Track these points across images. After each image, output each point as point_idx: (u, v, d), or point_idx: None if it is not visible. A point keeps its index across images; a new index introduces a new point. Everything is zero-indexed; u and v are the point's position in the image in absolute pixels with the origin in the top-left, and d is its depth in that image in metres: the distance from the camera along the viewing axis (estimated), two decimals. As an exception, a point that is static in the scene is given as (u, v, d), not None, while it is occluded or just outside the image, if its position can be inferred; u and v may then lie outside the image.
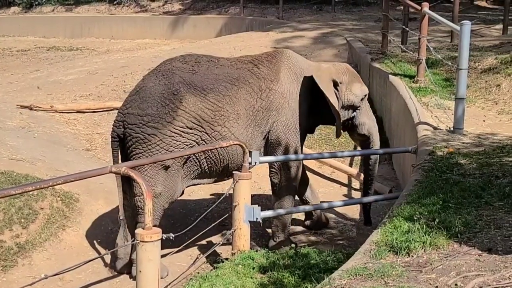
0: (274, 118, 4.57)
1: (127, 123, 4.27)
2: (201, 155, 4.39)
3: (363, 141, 5.19)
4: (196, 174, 4.51)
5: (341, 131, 4.96)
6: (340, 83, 4.84)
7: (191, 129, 4.30)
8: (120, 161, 4.42)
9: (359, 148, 5.76)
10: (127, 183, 4.30)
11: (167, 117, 4.24)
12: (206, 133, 4.34)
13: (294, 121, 4.66)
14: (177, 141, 4.27)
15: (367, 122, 5.05)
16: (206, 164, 4.46)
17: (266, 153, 4.70)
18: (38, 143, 6.50)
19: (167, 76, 4.35)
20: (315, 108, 4.82)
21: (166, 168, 4.29)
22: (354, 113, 4.97)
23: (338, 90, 4.83)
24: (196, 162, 4.43)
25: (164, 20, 16.10)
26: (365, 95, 4.99)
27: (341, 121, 4.86)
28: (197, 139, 4.33)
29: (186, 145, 4.30)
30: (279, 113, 4.58)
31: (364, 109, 5.02)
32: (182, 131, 4.28)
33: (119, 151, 4.38)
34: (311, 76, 4.72)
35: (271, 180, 4.82)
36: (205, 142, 4.35)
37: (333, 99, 4.70)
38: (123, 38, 15.83)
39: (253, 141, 4.56)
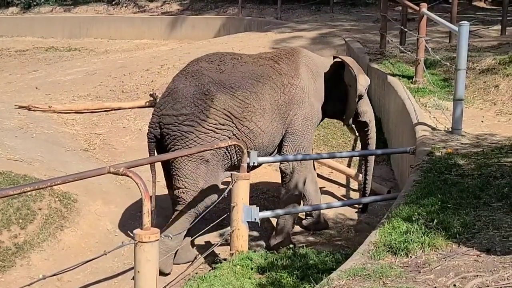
0: (295, 111, 4.79)
1: (163, 124, 4.49)
2: (232, 148, 4.57)
3: (361, 128, 5.46)
4: (227, 167, 4.67)
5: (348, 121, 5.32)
6: None
7: (223, 125, 4.50)
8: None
9: (357, 148, 5.81)
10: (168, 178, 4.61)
11: (201, 115, 4.44)
12: (236, 128, 4.54)
13: (312, 115, 4.90)
14: (211, 136, 4.46)
15: (368, 110, 5.37)
16: (235, 156, 4.61)
17: (281, 145, 4.86)
18: (36, 143, 6.49)
19: (196, 77, 4.55)
20: (325, 102, 5.09)
21: (206, 161, 4.46)
22: (359, 102, 5.26)
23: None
24: (228, 155, 4.60)
25: (163, 21, 16.10)
26: (368, 85, 5.34)
27: (350, 109, 5.15)
28: (229, 133, 4.52)
29: (221, 140, 4.49)
30: (300, 107, 4.80)
31: (366, 98, 5.37)
32: (216, 128, 4.48)
33: (155, 151, 4.57)
34: (328, 71, 5.07)
35: (281, 170, 4.93)
36: (237, 136, 4.55)
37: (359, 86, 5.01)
38: (121, 38, 15.82)
39: (277, 134, 4.77)
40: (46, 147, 6.45)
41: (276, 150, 4.90)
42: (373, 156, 5.55)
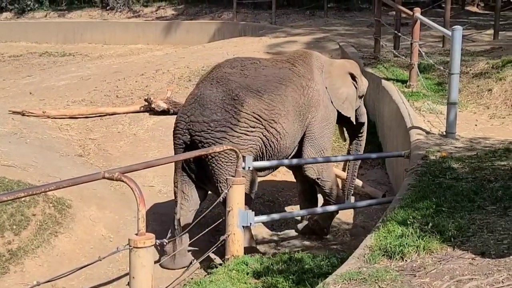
0: (313, 113, 4.94)
1: (194, 131, 4.54)
2: (260, 152, 4.71)
3: (357, 130, 5.61)
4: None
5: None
6: (357, 75, 5.39)
7: (254, 127, 4.62)
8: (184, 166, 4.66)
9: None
10: (199, 180, 4.68)
11: (232, 120, 4.55)
12: (266, 129, 4.67)
13: (328, 115, 5.07)
14: (244, 139, 4.58)
15: (365, 112, 5.61)
16: (266, 154, 4.76)
17: (300, 148, 5.00)
18: (30, 149, 6.47)
19: (222, 83, 4.64)
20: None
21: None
22: (360, 103, 5.49)
23: (356, 82, 5.36)
24: (260, 153, 4.73)
25: (157, 26, 16.11)
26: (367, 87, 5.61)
27: (354, 110, 5.36)
28: (259, 135, 4.66)
29: (253, 141, 4.61)
30: (316, 109, 4.96)
31: (362, 100, 5.58)
32: (247, 131, 4.60)
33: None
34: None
35: (307, 177, 5.06)
36: (266, 138, 4.67)
37: (337, 90, 5.17)
38: (116, 43, 15.81)
39: (297, 135, 4.91)
40: (40, 152, 6.42)
41: (292, 154, 5.00)
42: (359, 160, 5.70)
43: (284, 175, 6.12)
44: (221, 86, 4.62)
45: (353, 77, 5.34)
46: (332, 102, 5.08)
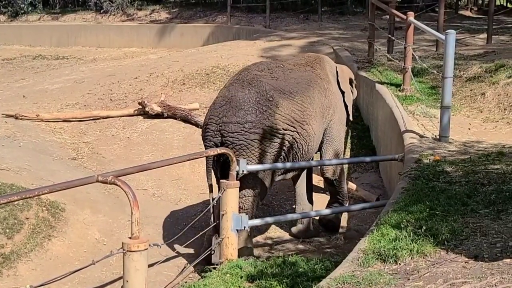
0: (332, 116, 5.11)
1: (227, 132, 4.48)
2: (289, 154, 4.71)
3: None
4: (282, 171, 4.84)
5: None
6: (353, 80, 5.73)
7: (286, 130, 4.60)
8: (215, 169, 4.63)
9: (346, 155, 5.89)
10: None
11: (267, 121, 4.51)
12: (297, 132, 4.67)
13: (343, 118, 5.30)
14: (274, 142, 4.56)
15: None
16: (292, 158, 4.75)
17: (320, 148, 5.14)
18: (23, 152, 6.44)
19: (255, 85, 4.61)
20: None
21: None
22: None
23: (352, 86, 5.71)
24: (284, 160, 4.72)
25: (151, 29, 16.09)
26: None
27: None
28: (289, 138, 4.64)
29: (282, 144, 4.60)
30: (335, 111, 5.15)
31: None
32: (278, 133, 4.57)
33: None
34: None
35: (326, 178, 5.27)
36: (296, 140, 4.67)
37: (351, 96, 5.58)
38: (109, 46, 15.78)
39: (320, 137, 5.04)
40: (33, 156, 6.40)
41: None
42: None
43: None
44: (254, 88, 4.58)
45: (350, 82, 5.63)
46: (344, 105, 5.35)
